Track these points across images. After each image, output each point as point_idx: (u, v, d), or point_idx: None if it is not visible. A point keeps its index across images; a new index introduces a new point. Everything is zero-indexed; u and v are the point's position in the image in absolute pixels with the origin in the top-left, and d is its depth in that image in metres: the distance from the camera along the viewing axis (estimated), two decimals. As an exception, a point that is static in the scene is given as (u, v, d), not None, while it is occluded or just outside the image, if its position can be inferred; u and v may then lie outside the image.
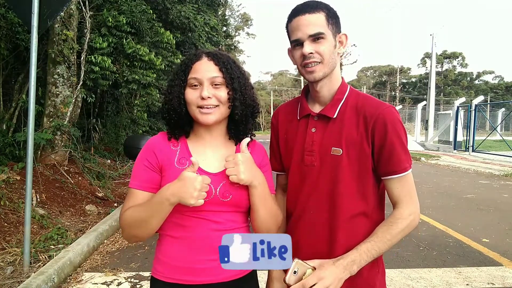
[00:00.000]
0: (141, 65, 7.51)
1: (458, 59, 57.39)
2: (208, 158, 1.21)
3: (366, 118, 1.19)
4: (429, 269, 3.57)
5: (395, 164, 1.17)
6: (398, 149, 1.17)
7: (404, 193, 1.19)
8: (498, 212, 5.82)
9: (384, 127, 1.16)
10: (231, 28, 30.08)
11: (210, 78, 1.15)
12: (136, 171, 1.21)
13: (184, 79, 1.18)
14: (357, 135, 1.19)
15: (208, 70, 1.16)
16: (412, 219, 1.18)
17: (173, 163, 1.19)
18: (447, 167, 11.71)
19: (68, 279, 3.26)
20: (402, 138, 1.18)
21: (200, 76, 1.15)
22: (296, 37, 1.18)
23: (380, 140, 1.17)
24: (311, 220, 1.25)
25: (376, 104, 1.21)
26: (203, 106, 1.15)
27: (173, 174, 1.15)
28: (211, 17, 11.61)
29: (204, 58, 1.18)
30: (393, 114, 1.19)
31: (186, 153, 1.21)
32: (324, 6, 1.19)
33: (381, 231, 1.17)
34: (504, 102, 35.49)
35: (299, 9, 1.19)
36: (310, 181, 1.25)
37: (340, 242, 1.19)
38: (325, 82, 1.24)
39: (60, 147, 5.99)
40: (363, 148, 1.18)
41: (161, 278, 1.20)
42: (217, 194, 1.16)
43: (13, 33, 5.73)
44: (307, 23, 1.16)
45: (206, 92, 1.14)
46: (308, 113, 1.28)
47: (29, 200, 3.18)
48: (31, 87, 3.15)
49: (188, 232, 1.17)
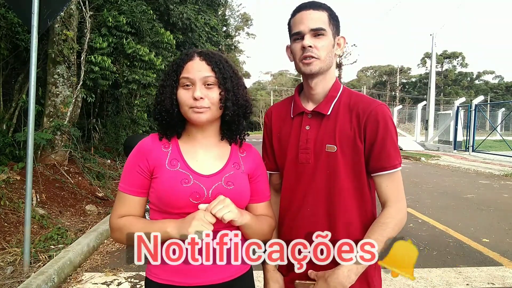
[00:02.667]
0: (141, 65, 7.50)
1: (458, 59, 57.40)
2: (200, 159, 1.20)
3: (358, 115, 1.21)
4: (429, 269, 3.56)
5: (385, 160, 1.20)
6: (389, 145, 1.19)
7: (392, 191, 1.22)
8: (498, 212, 5.82)
9: (376, 124, 1.19)
10: (231, 28, 30.11)
11: (203, 78, 1.13)
12: (126, 175, 1.20)
13: (176, 79, 1.16)
14: (351, 131, 1.21)
15: (200, 70, 1.14)
16: (400, 217, 1.21)
17: (164, 164, 1.17)
18: (447, 167, 11.71)
19: (68, 279, 3.26)
20: (393, 136, 1.21)
21: (193, 76, 1.14)
22: (298, 30, 1.21)
23: (372, 136, 1.19)
24: (309, 217, 1.26)
25: (369, 101, 1.24)
26: (195, 106, 1.13)
27: (164, 175, 1.15)
28: (211, 17, 11.61)
29: (196, 58, 1.16)
30: (385, 111, 1.22)
31: (177, 154, 1.19)
32: (327, 7, 1.24)
33: (373, 233, 1.17)
34: (504, 102, 35.45)
35: (304, 5, 1.23)
36: (305, 179, 1.26)
37: (340, 237, 1.20)
38: (320, 79, 1.26)
39: (60, 147, 5.99)
40: (356, 144, 1.21)
41: (155, 279, 1.19)
42: (210, 196, 1.15)
43: (13, 33, 5.73)
44: (311, 17, 1.20)
45: (198, 92, 1.12)
46: (302, 111, 1.30)
47: (29, 200, 3.18)
48: (31, 87, 3.15)
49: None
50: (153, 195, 1.18)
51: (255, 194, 1.27)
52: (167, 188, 1.13)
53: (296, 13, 1.24)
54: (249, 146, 1.33)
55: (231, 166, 1.22)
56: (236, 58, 33.04)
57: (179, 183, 1.13)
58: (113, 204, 1.22)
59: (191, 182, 1.14)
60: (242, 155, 1.27)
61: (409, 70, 62.45)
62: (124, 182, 1.19)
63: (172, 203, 1.13)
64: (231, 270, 1.20)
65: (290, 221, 1.31)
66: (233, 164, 1.23)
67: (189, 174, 1.15)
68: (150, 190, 1.19)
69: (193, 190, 1.13)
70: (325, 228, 1.22)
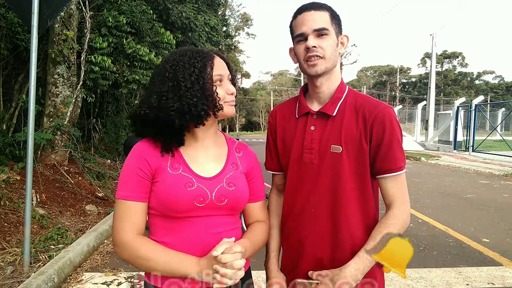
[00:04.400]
0: (141, 65, 7.51)
1: (458, 59, 57.43)
2: (200, 161, 1.18)
3: (365, 116, 1.21)
4: (429, 269, 3.56)
5: (391, 162, 1.20)
6: (395, 147, 1.20)
7: (397, 192, 1.22)
8: (498, 212, 5.82)
9: (383, 125, 1.19)
10: (231, 28, 30.06)
11: (228, 75, 1.20)
12: (127, 181, 1.13)
13: (208, 76, 1.13)
14: (356, 133, 1.21)
15: (224, 67, 1.19)
16: (404, 218, 1.21)
17: (166, 168, 1.13)
18: (447, 167, 11.71)
19: (68, 279, 3.26)
20: (399, 138, 1.21)
21: (223, 72, 1.17)
22: (301, 31, 1.21)
23: (378, 137, 1.20)
24: (312, 217, 1.26)
25: (375, 103, 1.24)
26: (232, 100, 1.19)
27: (166, 179, 1.11)
28: (211, 17, 11.61)
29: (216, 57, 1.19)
30: (391, 114, 1.22)
31: (178, 157, 1.16)
32: (328, 7, 1.24)
33: (379, 233, 1.18)
34: (504, 102, 35.45)
35: (305, 7, 1.24)
36: (309, 179, 1.26)
37: (344, 236, 1.22)
38: (326, 78, 1.26)
39: (60, 147, 5.99)
40: (361, 146, 1.21)
41: (154, 283, 1.16)
42: (213, 198, 1.14)
43: (13, 33, 5.74)
44: (313, 18, 1.20)
45: (230, 87, 1.19)
46: (307, 111, 1.30)
47: (29, 200, 3.18)
48: (31, 87, 3.15)
49: (179, 237, 1.14)
50: (153, 200, 1.13)
51: (251, 194, 1.27)
52: (171, 192, 1.10)
53: (297, 15, 1.24)
54: (245, 146, 1.33)
55: (230, 166, 1.22)
56: (236, 58, 33.04)
57: (183, 187, 1.11)
58: (114, 218, 1.13)
59: (195, 186, 1.12)
60: (239, 155, 1.27)
61: (409, 70, 62.47)
62: (125, 189, 1.12)
63: (176, 207, 1.10)
64: None
65: (293, 221, 1.31)
66: (232, 165, 1.23)
67: (192, 178, 1.13)
68: (151, 195, 1.14)
69: (197, 194, 1.11)
70: (328, 228, 1.23)
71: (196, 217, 1.13)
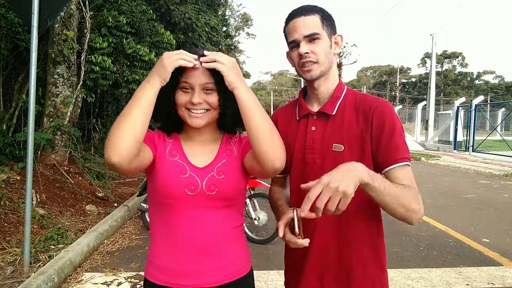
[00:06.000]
0: (141, 65, 7.50)
1: (458, 59, 57.37)
2: (196, 153, 1.22)
3: (365, 111, 1.22)
4: (429, 269, 3.57)
5: (394, 152, 1.16)
6: (397, 138, 1.17)
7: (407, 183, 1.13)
8: (498, 212, 5.82)
9: (383, 116, 1.19)
10: (231, 28, 30.04)
11: (202, 84, 1.12)
12: None
13: (176, 81, 1.12)
14: (358, 130, 1.21)
15: (200, 76, 1.11)
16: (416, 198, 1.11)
17: (165, 153, 1.20)
18: (447, 167, 11.71)
19: (68, 279, 3.26)
20: (400, 130, 1.20)
21: (192, 81, 1.12)
22: (293, 38, 1.22)
23: (379, 128, 1.19)
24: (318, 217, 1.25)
25: (373, 98, 1.26)
26: (192, 109, 1.14)
27: (163, 165, 1.17)
28: (211, 17, 11.60)
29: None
30: (390, 107, 1.23)
31: (177, 145, 1.23)
32: (318, 9, 1.23)
33: (394, 186, 1.08)
34: (504, 102, 35.42)
35: (295, 12, 1.23)
36: (313, 179, 1.24)
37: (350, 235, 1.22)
38: (323, 80, 1.27)
39: (60, 147, 5.99)
40: (364, 143, 1.20)
41: (153, 280, 1.19)
42: (203, 187, 1.15)
43: (13, 33, 5.73)
44: (303, 24, 1.20)
45: (197, 98, 1.12)
46: (308, 113, 1.30)
47: (29, 200, 3.18)
48: (31, 87, 3.15)
49: (174, 232, 1.17)
50: (150, 185, 1.21)
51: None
52: (165, 178, 1.15)
53: (289, 21, 1.24)
54: (240, 135, 1.33)
55: (223, 154, 1.23)
56: (236, 58, 32.92)
57: (177, 173, 1.16)
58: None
59: (188, 174, 1.16)
60: (233, 141, 1.28)
61: (409, 70, 62.41)
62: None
63: (168, 193, 1.14)
64: (229, 272, 1.20)
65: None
66: (225, 152, 1.24)
67: (186, 165, 1.18)
68: (148, 180, 1.22)
69: (189, 182, 1.15)
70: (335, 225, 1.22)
71: (188, 208, 1.15)
